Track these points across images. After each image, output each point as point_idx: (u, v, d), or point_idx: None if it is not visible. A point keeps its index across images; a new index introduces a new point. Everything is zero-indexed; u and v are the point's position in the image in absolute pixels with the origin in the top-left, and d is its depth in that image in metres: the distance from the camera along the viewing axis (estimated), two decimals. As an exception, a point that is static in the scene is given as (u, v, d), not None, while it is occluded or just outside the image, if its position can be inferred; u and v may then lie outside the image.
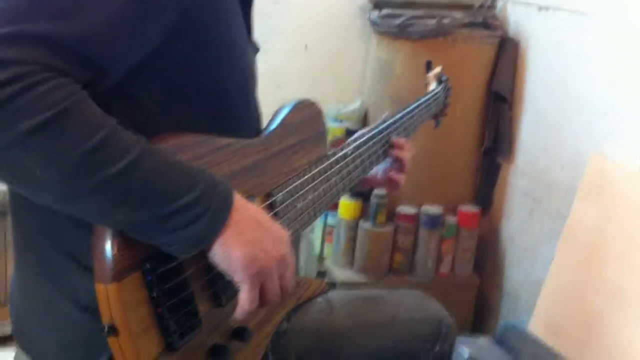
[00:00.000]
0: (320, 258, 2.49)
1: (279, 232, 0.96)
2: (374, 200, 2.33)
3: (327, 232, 2.47)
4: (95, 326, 0.86)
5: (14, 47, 0.73)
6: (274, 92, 2.62)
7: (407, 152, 1.43)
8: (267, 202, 1.09)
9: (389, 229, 2.37)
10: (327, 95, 2.67)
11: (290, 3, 2.61)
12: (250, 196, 1.04)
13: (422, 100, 1.63)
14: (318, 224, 2.48)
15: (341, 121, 2.53)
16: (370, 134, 1.38)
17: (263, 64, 2.52)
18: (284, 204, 1.12)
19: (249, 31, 1.13)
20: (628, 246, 1.82)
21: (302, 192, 1.17)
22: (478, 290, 2.53)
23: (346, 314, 1.27)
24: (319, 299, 1.28)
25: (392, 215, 2.40)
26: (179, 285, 0.89)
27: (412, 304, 1.35)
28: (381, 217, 2.34)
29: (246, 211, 0.91)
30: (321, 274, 2.39)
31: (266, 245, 0.91)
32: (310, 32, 2.64)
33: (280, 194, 1.12)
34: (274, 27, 2.58)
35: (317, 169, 1.22)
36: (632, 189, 1.84)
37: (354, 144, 1.33)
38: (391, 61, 2.43)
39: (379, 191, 2.33)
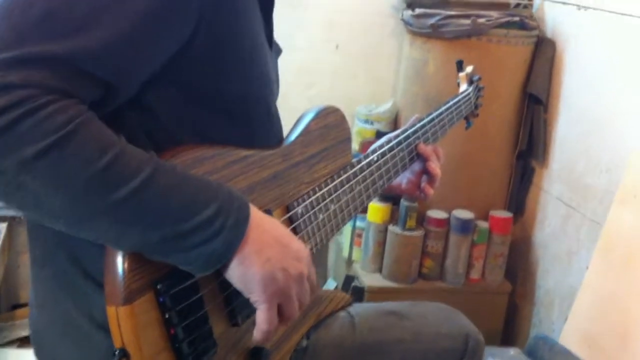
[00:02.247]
0: (349, 261, 2.46)
1: (299, 248, 0.92)
2: (403, 204, 2.29)
3: (355, 235, 2.43)
4: (111, 345, 0.84)
5: (17, 70, 0.71)
6: (304, 91, 2.61)
7: (437, 162, 1.39)
8: (287, 216, 1.06)
9: (418, 233, 2.32)
10: (359, 95, 2.63)
11: (320, 0, 2.58)
12: (268, 210, 1.01)
13: (452, 102, 1.58)
14: (347, 226, 2.44)
15: (372, 123, 2.48)
16: (396, 140, 1.34)
17: (292, 62, 2.52)
18: (304, 217, 1.09)
19: (270, 35, 1.09)
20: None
21: (323, 203, 1.14)
22: (509, 297, 2.47)
23: (369, 329, 1.24)
24: (341, 314, 1.25)
25: (422, 220, 2.35)
26: (193, 306, 0.87)
27: (438, 318, 1.32)
28: (411, 222, 2.30)
29: (264, 227, 0.88)
30: (349, 277, 2.36)
31: (285, 263, 0.88)
32: (341, 31, 2.60)
33: (300, 206, 1.09)
34: (304, 24, 2.54)
35: (340, 179, 1.18)
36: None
37: (380, 151, 1.29)
38: (424, 61, 2.38)
39: (409, 195, 2.27)
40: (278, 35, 1.17)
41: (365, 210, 2.34)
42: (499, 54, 2.31)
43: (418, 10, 2.36)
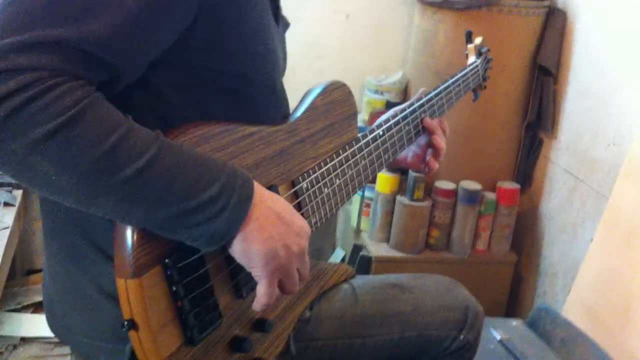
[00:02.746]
0: (357, 231, 2.49)
1: (300, 225, 0.95)
2: (411, 174, 2.31)
3: (364, 205, 2.46)
4: (119, 314, 0.88)
5: (25, 54, 0.73)
6: (314, 62, 2.61)
7: (442, 136, 1.40)
8: (292, 190, 1.08)
9: (426, 204, 2.34)
10: (370, 66, 2.63)
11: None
12: (273, 185, 1.03)
13: (460, 75, 1.59)
14: (355, 196, 2.46)
15: (382, 93, 2.49)
16: (402, 114, 1.35)
17: (301, 35, 2.52)
18: (309, 191, 1.12)
19: (276, 10, 1.10)
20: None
21: (328, 178, 1.16)
22: (515, 267, 2.49)
23: (371, 301, 1.26)
24: (344, 286, 1.28)
25: (429, 190, 2.37)
26: (199, 279, 0.90)
27: (439, 290, 1.34)
28: (419, 192, 2.32)
29: (267, 204, 0.91)
30: (357, 247, 2.39)
31: (287, 240, 0.91)
32: (350, 1, 2.59)
33: (306, 181, 1.11)
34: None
35: (345, 154, 1.20)
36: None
37: (385, 126, 1.30)
38: (434, 32, 2.38)
39: (417, 165, 2.30)
40: (286, 6, 1.17)
41: (373, 181, 2.36)
42: (509, 25, 2.30)
43: (429, -19, 2.36)
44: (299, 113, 1.13)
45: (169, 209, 0.81)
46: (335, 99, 1.20)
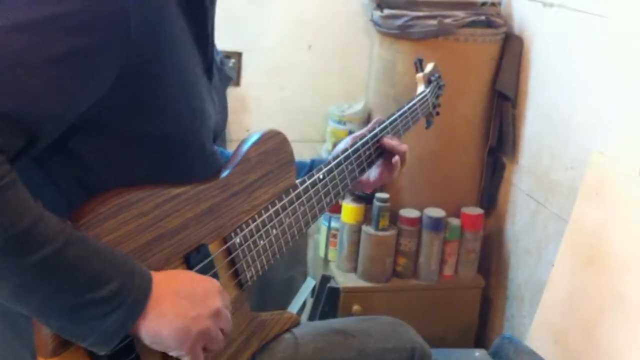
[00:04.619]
0: (326, 261, 2.50)
1: (205, 288, 0.95)
2: (376, 204, 2.32)
3: (331, 235, 2.47)
4: None
5: None
6: (277, 92, 2.62)
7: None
8: (224, 247, 1.09)
9: (391, 232, 2.35)
10: (333, 94, 2.65)
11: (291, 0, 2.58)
12: (203, 245, 1.04)
13: (406, 107, 1.58)
14: (322, 226, 2.48)
15: (344, 123, 2.51)
16: (344, 155, 1.36)
17: (264, 64, 2.51)
18: (243, 246, 1.12)
19: (209, 67, 1.11)
20: (630, 249, 1.77)
21: (264, 229, 1.17)
22: (483, 291, 2.50)
23: (313, 349, 1.26)
24: (286, 335, 1.27)
25: (395, 219, 2.38)
26: (125, 350, 0.90)
27: (383, 333, 1.34)
28: (384, 221, 2.33)
29: (165, 291, 0.90)
30: (325, 278, 2.40)
31: (194, 311, 0.91)
32: (313, 30, 2.60)
33: (239, 236, 1.11)
34: (274, 23, 2.54)
35: (282, 203, 1.21)
36: (635, 190, 1.79)
37: (325, 169, 1.31)
38: (393, 61, 2.40)
39: (381, 195, 2.31)
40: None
41: (340, 208, 2.37)
42: (466, 53, 2.33)
43: (386, 11, 2.38)
44: (230, 167, 1.13)
45: (66, 300, 0.81)
46: (270, 148, 1.20)
